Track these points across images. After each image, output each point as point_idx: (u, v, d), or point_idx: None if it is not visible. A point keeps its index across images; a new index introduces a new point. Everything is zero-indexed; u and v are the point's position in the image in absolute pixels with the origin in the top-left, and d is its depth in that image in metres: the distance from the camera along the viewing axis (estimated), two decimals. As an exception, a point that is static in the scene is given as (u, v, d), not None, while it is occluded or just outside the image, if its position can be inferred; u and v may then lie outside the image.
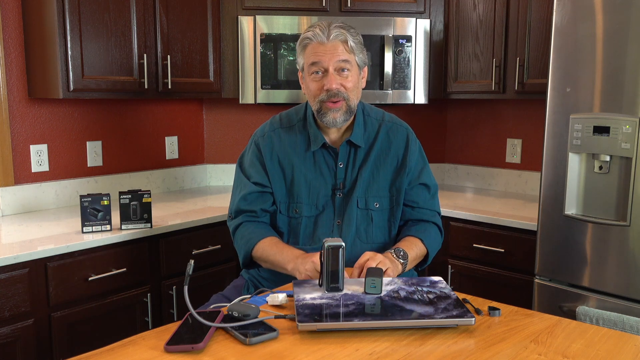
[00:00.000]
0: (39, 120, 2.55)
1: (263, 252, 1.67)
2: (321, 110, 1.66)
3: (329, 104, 1.64)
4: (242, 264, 1.76)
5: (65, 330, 2.05)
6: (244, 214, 1.76)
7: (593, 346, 1.16)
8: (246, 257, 1.72)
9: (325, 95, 1.64)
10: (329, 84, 1.63)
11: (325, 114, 1.65)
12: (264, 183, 1.74)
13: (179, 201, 2.81)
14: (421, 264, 1.78)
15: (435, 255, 1.80)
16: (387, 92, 2.83)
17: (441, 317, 1.22)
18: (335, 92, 1.63)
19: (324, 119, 1.66)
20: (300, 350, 1.12)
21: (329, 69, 1.63)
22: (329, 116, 1.65)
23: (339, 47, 1.63)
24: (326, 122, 1.66)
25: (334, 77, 1.63)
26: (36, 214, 2.49)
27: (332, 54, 1.62)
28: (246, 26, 2.78)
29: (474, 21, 2.82)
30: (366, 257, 1.51)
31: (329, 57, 1.62)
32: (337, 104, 1.64)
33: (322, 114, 1.66)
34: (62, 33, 2.28)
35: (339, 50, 1.63)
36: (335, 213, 1.72)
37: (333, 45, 1.63)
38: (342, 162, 1.73)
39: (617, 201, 2.01)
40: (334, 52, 1.62)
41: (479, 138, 3.26)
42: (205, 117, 3.24)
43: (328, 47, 1.63)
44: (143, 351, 1.12)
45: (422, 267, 1.81)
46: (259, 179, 1.74)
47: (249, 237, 1.71)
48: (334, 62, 1.63)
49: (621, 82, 1.96)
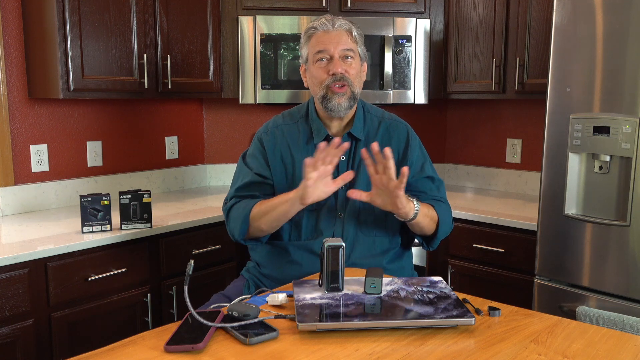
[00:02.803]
0: (39, 120, 2.55)
1: (260, 208, 1.67)
2: (327, 95, 1.70)
3: (334, 88, 1.69)
4: (238, 234, 1.72)
5: (65, 330, 2.05)
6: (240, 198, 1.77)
7: (593, 346, 1.16)
8: (243, 223, 1.69)
9: (331, 79, 1.69)
10: (334, 68, 1.69)
11: (331, 99, 1.69)
12: (265, 175, 1.76)
13: (179, 201, 2.81)
14: (430, 240, 1.79)
15: (444, 237, 1.80)
16: (387, 92, 2.83)
17: (441, 317, 1.22)
18: (341, 77, 1.69)
19: (329, 104, 1.70)
20: (300, 350, 1.12)
21: (334, 56, 1.70)
22: (334, 101, 1.69)
23: (344, 35, 1.72)
24: (331, 107, 1.70)
25: (339, 62, 1.70)
26: (36, 214, 2.49)
27: (338, 42, 1.70)
28: (246, 26, 2.78)
29: (474, 21, 2.82)
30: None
31: (334, 45, 1.70)
32: (342, 89, 1.69)
33: (327, 100, 1.70)
34: (62, 33, 2.28)
35: (344, 39, 1.71)
36: (338, 206, 1.73)
37: (338, 33, 1.71)
38: (344, 156, 1.75)
39: (617, 201, 2.01)
40: (339, 40, 1.71)
41: (479, 138, 3.26)
42: (205, 117, 3.24)
43: (333, 35, 1.71)
44: (143, 351, 1.12)
45: (432, 246, 1.81)
46: (261, 170, 1.77)
47: (244, 206, 1.71)
48: (339, 50, 1.70)
49: (621, 82, 1.96)
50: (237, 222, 1.72)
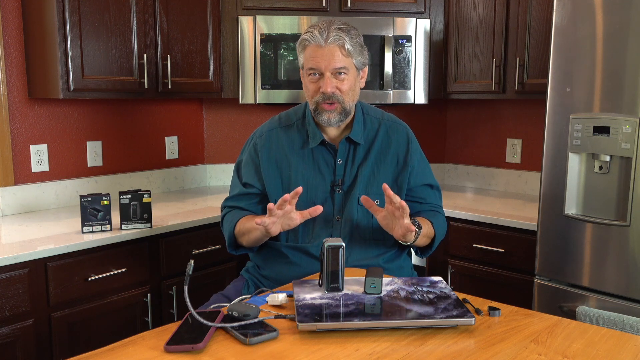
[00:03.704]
0: (39, 120, 2.55)
1: (240, 228, 1.73)
2: (317, 109, 1.71)
3: (324, 106, 1.69)
4: (228, 246, 1.80)
5: (65, 330, 2.05)
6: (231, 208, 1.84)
7: (593, 346, 1.16)
8: (230, 237, 1.76)
9: (320, 97, 1.69)
10: (324, 87, 1.67)
11: (321, 114, 1.71)
12: (253, 184, 1.79)
13: (179, 201, 2.81)
14: (426, 250, 1.80)
15: (438, 245, 1.82)
16: (387, 92, 2.83)
17: (441, 317, 1.22)
18: (330, 95, 1.67)
19: (319, 118, 1.72)
20: (300, 350, 1.12)
21: (325, 74, 1.67)
22: (324, 116, 1.71)
23: (336, 52, 1.66)
24: (321, 121, 1.72)
25: (329, 81, 1.67)
26: (36, 214, 2.49)
27: (329, 61, 1.66)
28: (246, 26, 2.78)
29: (474, 21, 2.82)
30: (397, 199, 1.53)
31: (325, 63, 1.66)
32: (332, 106, 1.69)
33: (318, 113, 1.72)
34: (62, 33, 2.28)
35: (335, 56, 1.66)
36: (335, 209, 1.73)
37: (330, 49, 1.65)
38: (341, 159, 1.76)
39: (617, 201, 2.01)
40: (330, 58, 1.65)
41: (479, 138, 3.26)
42: (205, 117, 3.24)
43: (325, 52, 1.66)
44: (143, 351, 1.12)
45: (426, 255, 1.83)
46: (249, 180, 1.80)
47: (231, 220, 1.77)
48: (331, 68, 1.67)
49: (621, 82, 1.96)
50: (226, 235, 1.80)
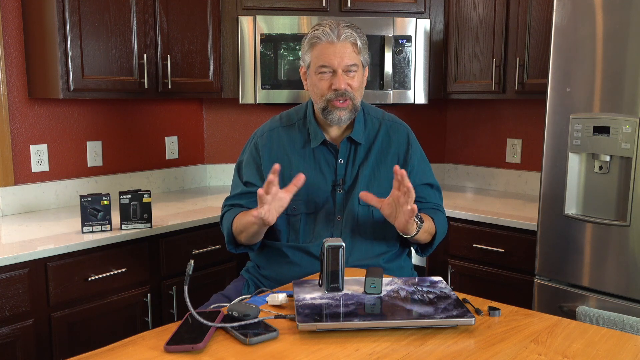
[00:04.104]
0: (39, 120, 2.55)
1: (237, 225, 1.71)
2: (327, 108, 1.69)
3: (336, 103, 1.67)
4: (227, 243, 1.79)
5: (65, 330, 2.05)
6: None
7: (593, 346, 1.16)
8: (229, 234, 1.75)
9: (333, 95, 1.67)
10: (337, 84, 1.66)
11: (332, 112, 1.68)
12: (254, 182, 1.78)
13: (179, 201, 2.81)
14: (427, 248, 1.80)
15: (438, 244, 1.82)
16: (387, 92, 2.83)
17: (441, 317, 1.22)
18: (343, 92, 1.66)
19: (329, 117, 1.69)
20: (300, 350, 1.12)
21: (337, 71, 1.66)
22: (335, 114, 1.68)
23: (348, 48, 1.66)
24: (331, 119, 1.70)
25: (342, 78, 1.66)
26: (36, 214, 2.49)
27: (342, 57, 1.65)
28: (246, 26, 2.78)
29: (474, 21, 2.82)
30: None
31: (338, 60, 1.65)
32: (344, 103, 1.68)
33: (328, 112, 1.69)
34: (62, 33, 2.28)
35: (348, 53, 1.66)
36: (336, 209, 1.73)
37: (342, 46, 1.66)
38: (342, 159, 1.75)
39: (617, 201, 2.01)
40: (343, 54, 1.65)
41: (479, 138, 3.26)
42: (205, 117, 3.24)
43: (337, 48, 1.65)
44: (143, 351, 1.12)
45: (427, 253, 1.82)
46: (250, 179, 1.79)
47: (228, 218, 1.76)
48: (343, 65, 1.66)
49: (621, 82, 1.96)
50: (225, 233, 1.79)
